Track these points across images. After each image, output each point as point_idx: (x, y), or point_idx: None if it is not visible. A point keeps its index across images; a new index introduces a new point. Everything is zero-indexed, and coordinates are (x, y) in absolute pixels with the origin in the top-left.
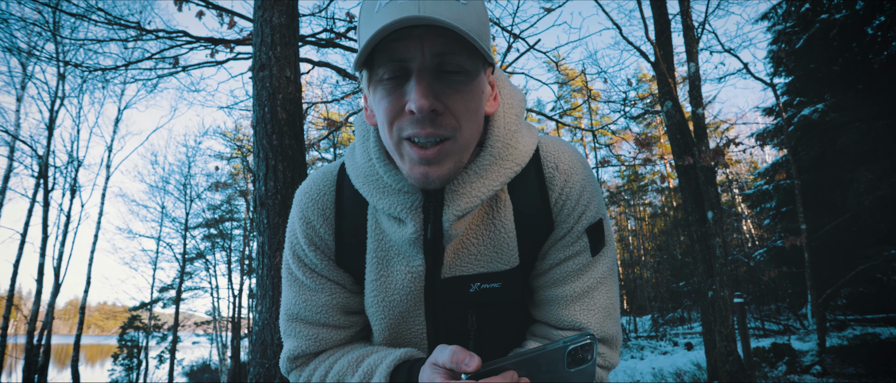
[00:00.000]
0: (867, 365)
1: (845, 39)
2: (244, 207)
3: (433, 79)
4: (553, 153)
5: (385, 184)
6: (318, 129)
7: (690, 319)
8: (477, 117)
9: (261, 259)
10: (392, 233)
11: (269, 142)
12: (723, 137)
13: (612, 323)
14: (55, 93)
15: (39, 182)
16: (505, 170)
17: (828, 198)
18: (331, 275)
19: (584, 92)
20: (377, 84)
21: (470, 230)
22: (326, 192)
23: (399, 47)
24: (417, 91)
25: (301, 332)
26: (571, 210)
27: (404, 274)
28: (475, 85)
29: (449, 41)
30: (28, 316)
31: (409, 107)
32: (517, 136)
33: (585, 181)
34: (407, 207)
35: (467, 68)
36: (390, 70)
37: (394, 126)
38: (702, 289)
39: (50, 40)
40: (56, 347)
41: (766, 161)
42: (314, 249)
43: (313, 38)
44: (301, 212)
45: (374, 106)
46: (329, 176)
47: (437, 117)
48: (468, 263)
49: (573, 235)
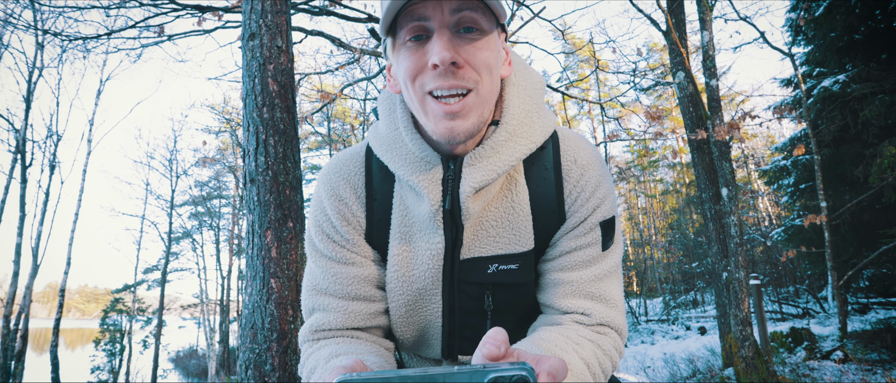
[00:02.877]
0: (891, 351)
1: (868, 6)
2: (233, 184)
3: (452, 35)
4: (573, 147)
5: (408, 151)
6: (312, 102)
7: (704, 302)
8: (494, 72)
9: (251, 238)
10: (413, 207)
11: (259, 115)
12: (738, 110)
13: (617, 312)
14: (33, 63)
15: (17, 157)
16: (520, 147)
17: (849, 174)
18: (361, 250)
19: (592, 62)
20: (401, 47)
21: (488, 212)
22: (357, 171)
23: (419, 9)
24: (439, 44)
25: (330, 306)
26: (585, 201)
27: (425, 250)
28: (491, 41)
29: (465, 1)
30: (4, 299)
31: (433, 61)
32: (533, 116)
33: (602, 177)
34: (425, 174)
35: (483, 26)
36: (412, 30)
37: (416, 82)
38: (716, 271)
39: (27, 7)
40: (34, 331)
41: (783, 135)
42: (346, 224)
43: (306, 5)
44: (331, 189)
45: (397, 69)
46: (357, 156)
47: (457, 70)
48: (487, 244)
49: (586, 226)
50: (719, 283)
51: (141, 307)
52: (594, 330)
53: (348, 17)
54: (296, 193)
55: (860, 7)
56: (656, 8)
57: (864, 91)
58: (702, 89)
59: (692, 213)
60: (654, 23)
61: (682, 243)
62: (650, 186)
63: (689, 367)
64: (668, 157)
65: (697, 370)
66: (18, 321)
